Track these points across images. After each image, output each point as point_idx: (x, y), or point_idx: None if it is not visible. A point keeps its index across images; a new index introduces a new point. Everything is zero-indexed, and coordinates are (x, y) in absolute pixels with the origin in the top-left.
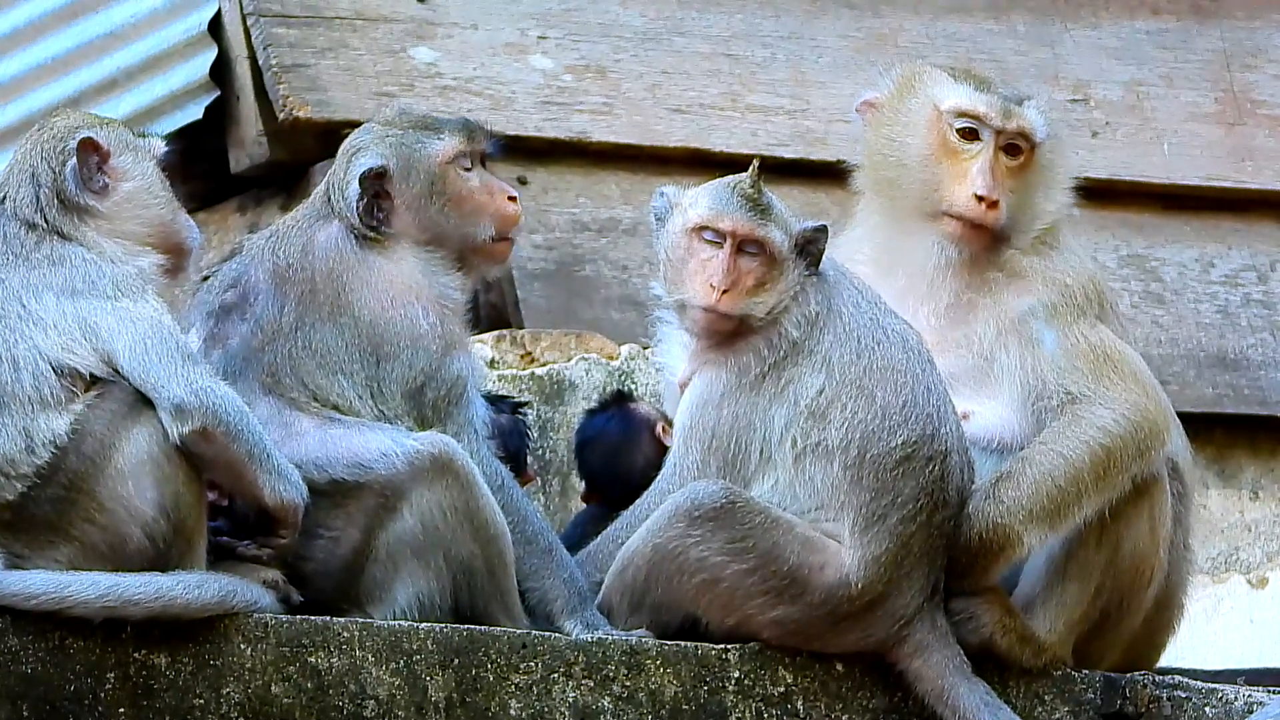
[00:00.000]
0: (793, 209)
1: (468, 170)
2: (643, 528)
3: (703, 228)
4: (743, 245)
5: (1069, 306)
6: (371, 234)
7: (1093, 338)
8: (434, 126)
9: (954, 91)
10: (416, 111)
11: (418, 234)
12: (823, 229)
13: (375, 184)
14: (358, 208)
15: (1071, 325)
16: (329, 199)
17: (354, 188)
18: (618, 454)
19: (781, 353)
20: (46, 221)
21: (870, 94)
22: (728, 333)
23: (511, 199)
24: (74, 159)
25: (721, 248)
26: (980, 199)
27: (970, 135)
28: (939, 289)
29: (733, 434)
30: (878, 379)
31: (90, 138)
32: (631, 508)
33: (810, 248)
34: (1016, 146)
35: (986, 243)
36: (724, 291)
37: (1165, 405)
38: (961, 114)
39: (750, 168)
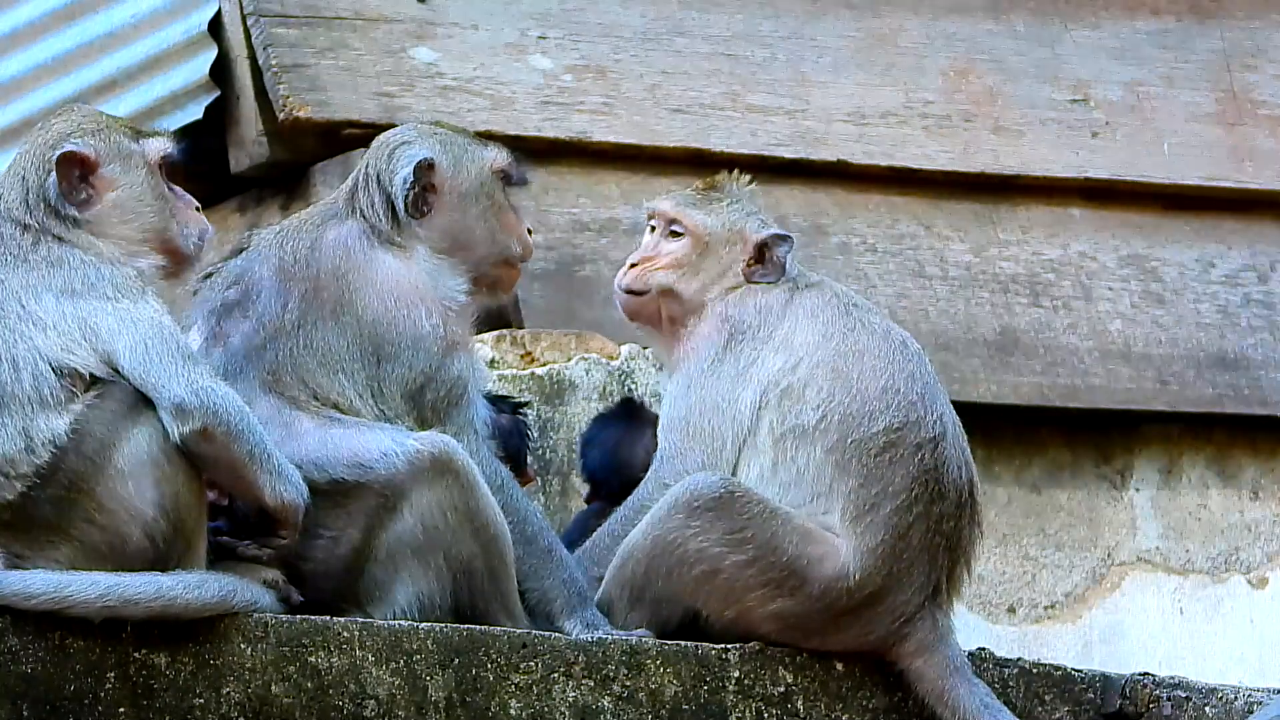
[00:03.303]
0: (763, 213)
1: (505, 187)
2: (643, 521)
3: (649, 216)
4: (670, 229)
5: None
6: (397, 234)
7: None
8: (479, 138)
9: None
10: (452, 123)
11: (441, 240)
12: (782, 238)
13: (426, 175)
14: (407, 195)
15: None
16: (353, 196)
17: (405, 174)
18: (622, 457)
19: (727, 334)
20: (39, 224)
21: None
22: (646, 313)
23: (530, 231)
24: (54, 174)
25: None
26: None
27: None
28: None
29: (703, 419)
30: (852, 361)
31: (72, 152)
32: (625, 502)
33: (766, 253)
34: None
35: None
36: (632, 266)
37: None
38: None
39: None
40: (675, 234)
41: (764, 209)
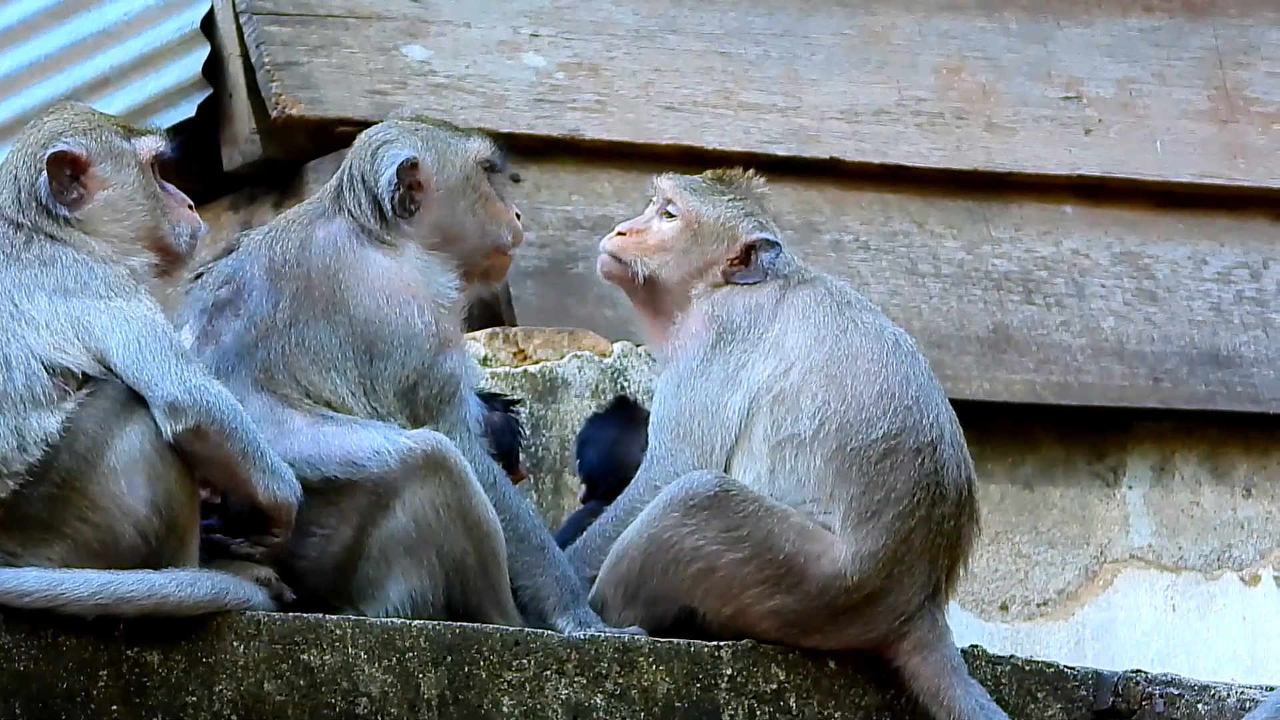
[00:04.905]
0: (764, 215)
1: (489, 176)
2: (637, 519)
3: (654, 191)
4: (666, 209)
5: None
6: (386, 233)
7: None
8: (460, 129)
9: None
10: (434, 117)
11: (430, 236)
12: (771, 243)
13: (410, 174)
14: (393, 196)
15: None
16: (339, 195)
17: (389, 175)
18: (619, 456)
19: (715, 333)
20: (32, 223)
21: None
22: (620, 280)
23: (518, 216)
24: (45, 173)
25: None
26: None
27: None
28: None
29: (693, 420)
30: (845, 366)
31: (63, 152)
32: (615, 502)
33: (752, 256)
34: None
35: None
36: (619, 234)
37: None
38: None
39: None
40: (670, 215)
41: (768, 211)
